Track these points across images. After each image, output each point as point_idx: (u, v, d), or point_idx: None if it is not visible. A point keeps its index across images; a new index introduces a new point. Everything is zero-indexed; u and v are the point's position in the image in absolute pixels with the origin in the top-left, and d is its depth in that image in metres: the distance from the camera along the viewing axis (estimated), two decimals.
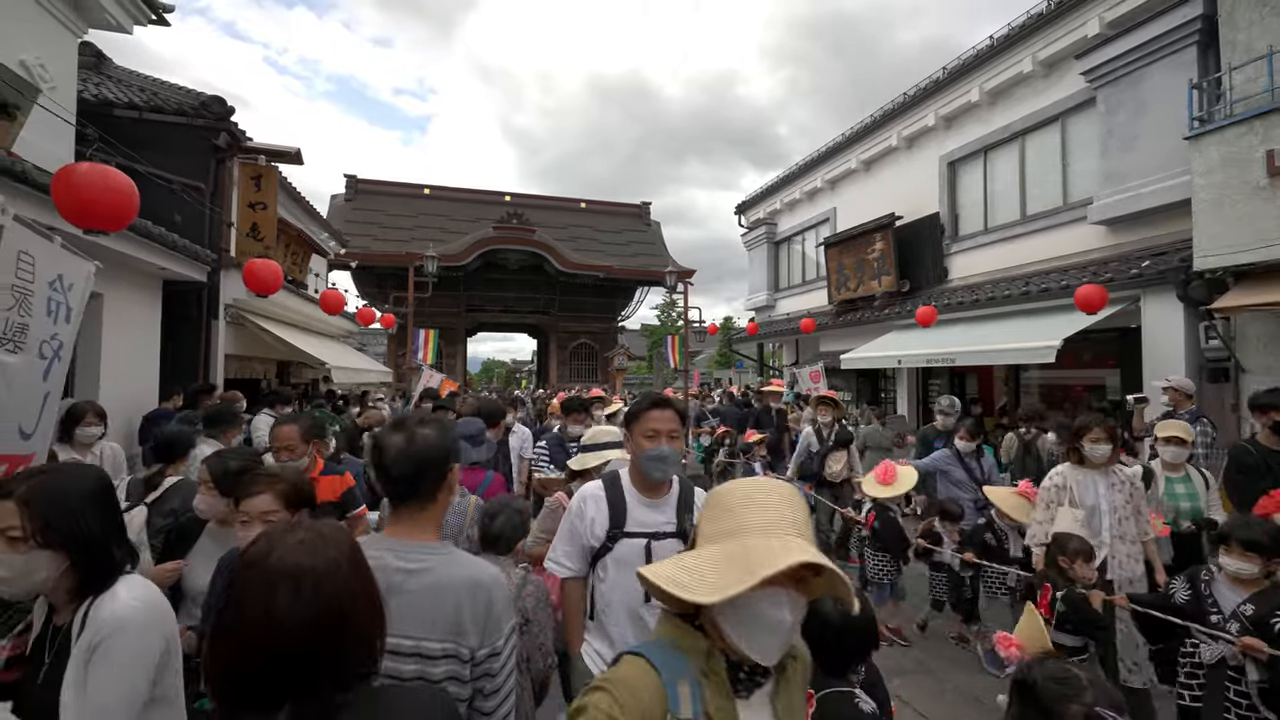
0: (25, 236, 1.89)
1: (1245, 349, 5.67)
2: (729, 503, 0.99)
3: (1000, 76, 8.53)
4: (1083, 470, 3.22)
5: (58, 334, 2.12)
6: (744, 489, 1.00)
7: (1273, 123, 5.05)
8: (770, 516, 0.94)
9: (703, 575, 0.90)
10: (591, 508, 1.87)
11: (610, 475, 1.96)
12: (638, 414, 1.89)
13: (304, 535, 0.88)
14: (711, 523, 0.99)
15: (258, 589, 0.81)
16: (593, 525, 1.84)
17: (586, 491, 1.93)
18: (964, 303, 8.45)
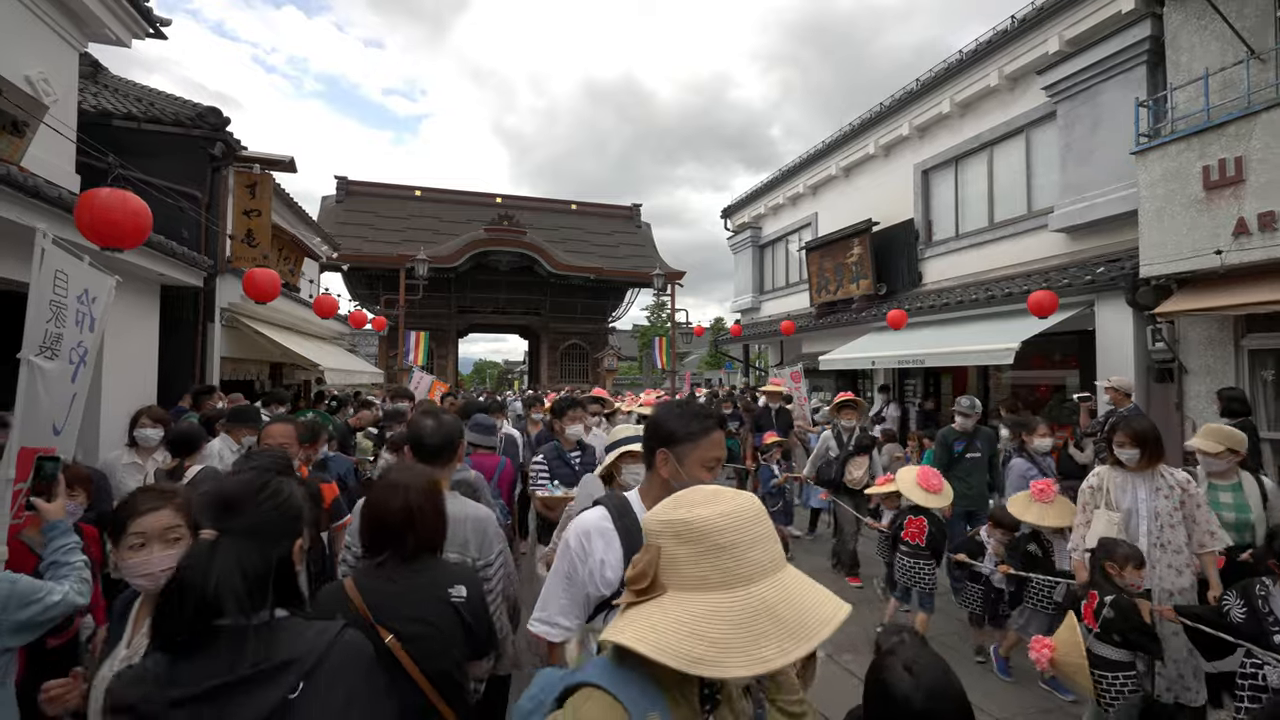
0: (61, 257, 2.16)
1: (1187, 351, 6.05)
2: (716, 539, 0.81)
3: (969, 89, 8.91)
4: (1122, 472, 3.01)
5: (83, 341, 2.39)
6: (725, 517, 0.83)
7: (1208, 140, 5.42)
8: (772, 550, 0.83)
9: (728, 644, 0.73)
10: (599, 545, 1.39)
11: (616, 501, 1.47)
12: (694, 437, 1.41)
13: (408, 471, 1.71)
14: (695, 563, 0.81)
15: (379, 490, 1.63)
16: (601, 568, 1.37)
17: (588, 524, 1.42)
18: (935, 306, 8.81)
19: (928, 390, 10.41)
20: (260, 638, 0.98)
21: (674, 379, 16.92)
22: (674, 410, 1.48)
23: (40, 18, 5.42)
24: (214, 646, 0.96)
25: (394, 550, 1.54)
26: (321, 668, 1.00)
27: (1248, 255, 5.13)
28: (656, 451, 1.44)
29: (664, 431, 1.44)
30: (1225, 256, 5.25)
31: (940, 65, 9.36)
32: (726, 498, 0.88)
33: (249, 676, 0.95)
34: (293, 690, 0.96)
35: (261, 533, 1.08)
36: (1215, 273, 5.39)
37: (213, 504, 1.10)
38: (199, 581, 0.96)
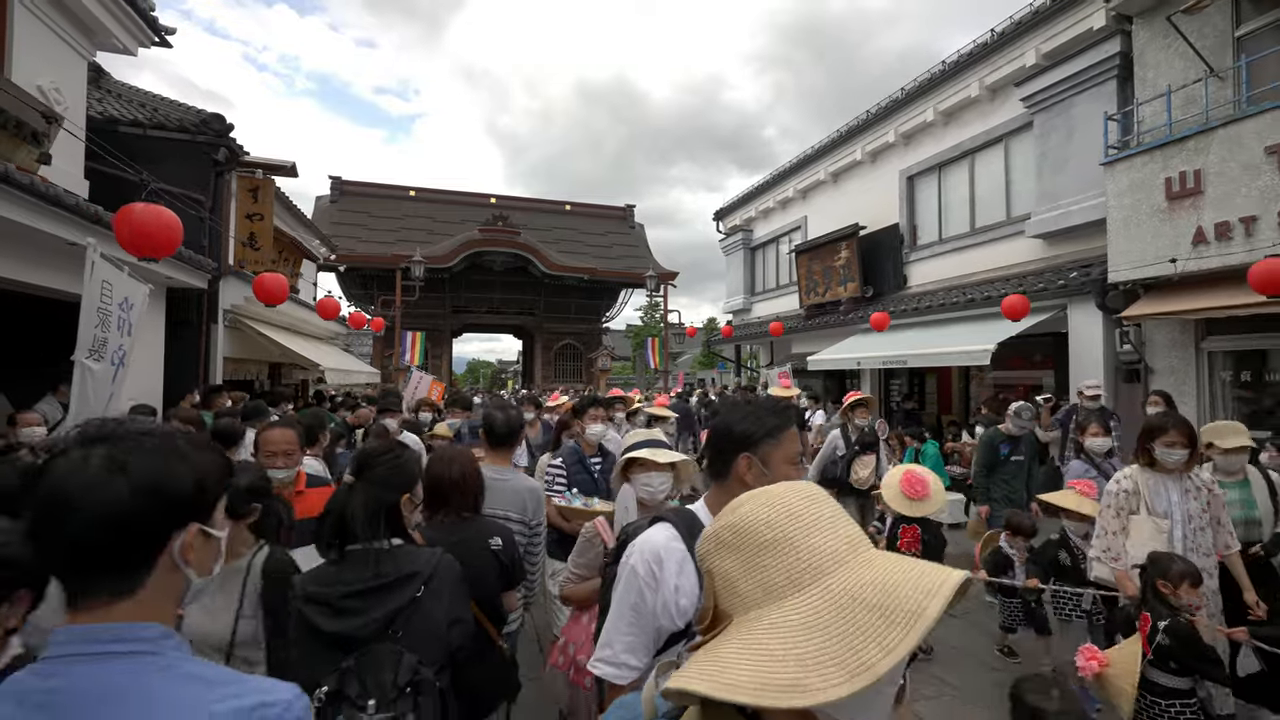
0: (107, 269, 2.38)
1: (1153, 352, 6.37)
2: (762, 533, 0.67)
3: (952, 99, 9.21)
4: (1153, 474, 2.83)
5: (122, 344, 2.62)
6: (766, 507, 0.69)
7: (1171, 153, 5.73)
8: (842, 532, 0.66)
9: (817, 658, 0.56)
10: (671, 570, 1.22)
11: (684, 516, 1.31)
12: (776, 433, 1.29)
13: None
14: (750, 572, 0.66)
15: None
16: (675, 596, 1.21)
17: (656, 546, 1.24)
18: (919, 308, 9.12)
19: (911, 390, 10.72)
20: (386, 557, 1.46)
21: (666, 379, 17.17)
22: (744, 410, 1.33)
23: (51, 28, 5.59)
24: (360, 561, 1.45)
25: (450, 508, 1.97)
26: (434, 578, 1.49)
27: (1205, 263, 5.44)
28: (738, 458, 1.28)
29: (741, 434, 1.29)
30: (1185, 264, 5.57)
31: (924, 75, 9.66)
32: (769, 489, 0.71)
33: (389, 582, 1.43)
34: (417, 592, 1.46)
35: (380, 483, 1.54)
36: (1171, 280, 5.70)
37: (354, 460, 1.67)
38: (340, 510, 1.48)
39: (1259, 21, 5.67)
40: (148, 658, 0.69)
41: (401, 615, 1.42)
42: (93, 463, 0.69)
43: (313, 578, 1.47)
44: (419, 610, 1.43)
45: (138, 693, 0.67)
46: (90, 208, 3.98)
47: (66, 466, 0.69)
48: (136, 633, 0.70)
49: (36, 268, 4.76)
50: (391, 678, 1.33)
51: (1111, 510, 2.90)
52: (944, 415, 10.51)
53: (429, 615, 1.44)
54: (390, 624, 1.40)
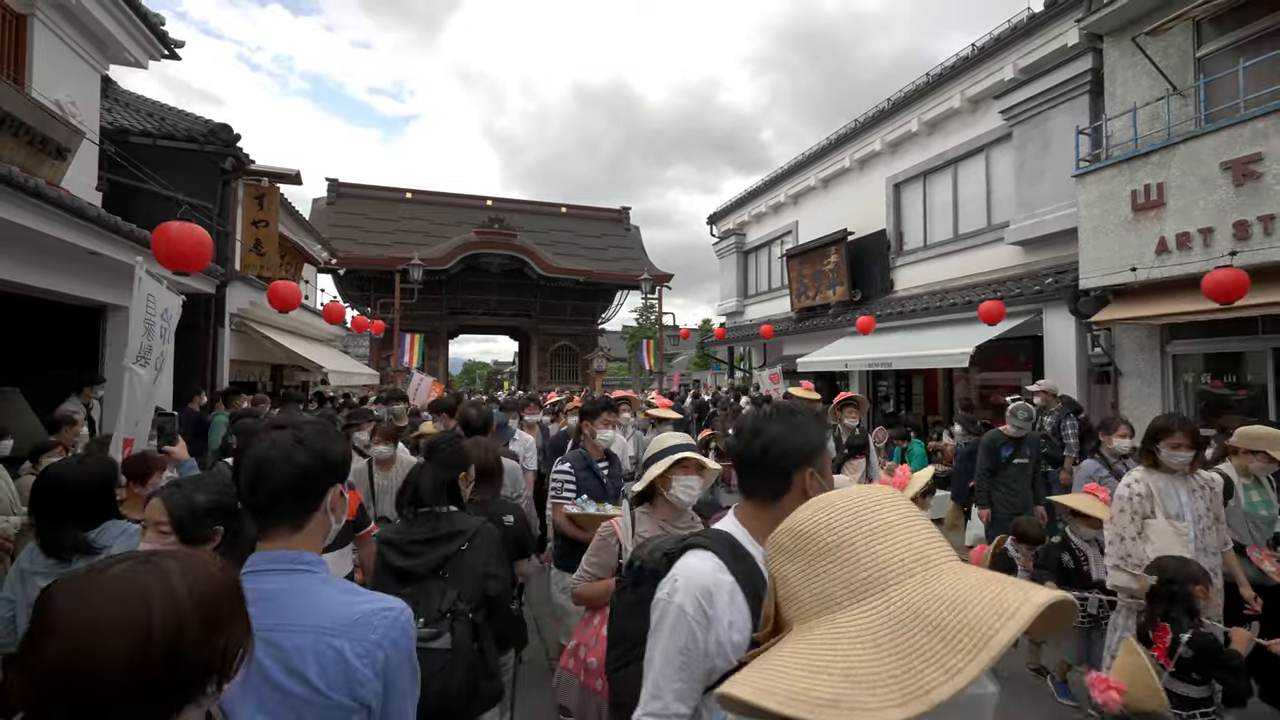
0: (151, 283, 2.63)
1: (1122, 356, 6.69)
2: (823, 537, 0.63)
3: (935, 110, 9.53)
4: (1162, 475, 2.81)
5: (163, 352, 2.87)
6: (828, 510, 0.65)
7: (1136, 167, 6.06)
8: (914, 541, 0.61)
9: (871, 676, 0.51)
10: (722, 604, 1.10)
11: (724, 540, 1.17)
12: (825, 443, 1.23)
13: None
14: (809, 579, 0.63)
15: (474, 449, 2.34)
16: (729, 632, 1.09)
17: (704, 579, 1.12)
18: (904, 312, 9.43)
19: (898, 390, 11.04)
20: (444, 518, 1.94)
21: (661, 380, 17.44)
22: (794, 420, 1.21)
23: (68, 44, 5.82)
24: (426, 520, 1.93)
25: (484, 488, 2.37)
26: (477, 537, 1.93)
27: (1168, 271, 5.76)
28: (801, 474, 1.16)
29: (805, 446, 1.17)
30: (1150, 272, 5.89)
31: (909, 86, 9.98)
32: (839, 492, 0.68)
33: (443, 536, 1.89)
34: (463, 546, 1.89)
35: (443, 464, 2.04)
36: (1130, 287, 6.03)
37: (424, 447, 2.24)
38: (415, 481, 1.98)
39: (1218, 43, 6.01)
40: (314, 574, 1.03)
41: (450, 561, 1.86)
42: (283, 439, 1.05)
43: (391, 530, 2.01)
44: (463, 560, 1.88)
45: (314, 594, 1.01)
46: (140, 232, 4.26)
47: (267, 442, 1.05)
48: (305, 558, 1.03)
49: (45, 272, 4.96)
50: (437, 604, 1.75)
51: (1126, 514, 2.80)
52: (930, 415, 10.83)
53: (470, 564, 1.89)
54: (441, 566, 1.85)
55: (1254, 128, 5.15)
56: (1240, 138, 5.24)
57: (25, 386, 5.67)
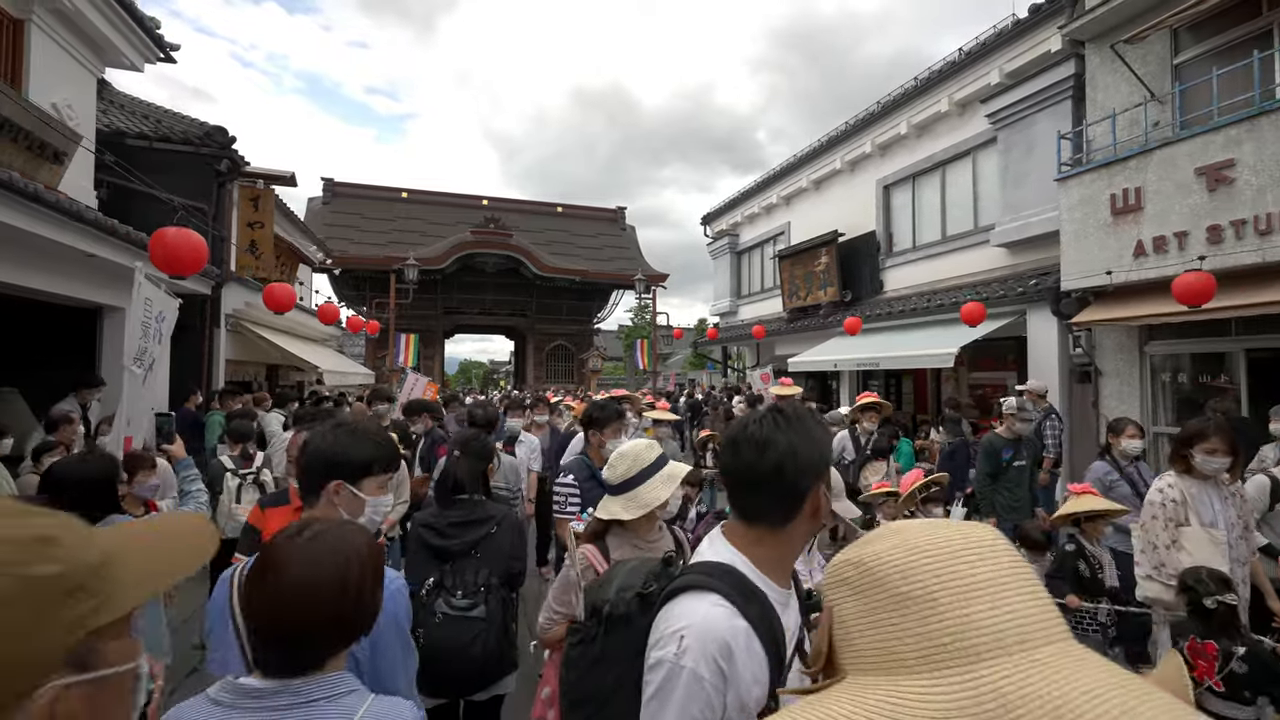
0: (149, 287, 2.73)
1: (1102, 356, 6.83)
2: (898, 584, 0.51)
3: (924, 113, 9.67)
4: (1194, 481, 2.69)
5: (156, 354, 2.97)
6: (914, 550, 0.52)
7: (1115, 172, 6.19)
8: (1019, 609, 0.48)
9: None
10: (741, 659, 0.94)
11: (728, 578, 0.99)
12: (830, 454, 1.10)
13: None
14: (874, 626, 0.52)
15: None
16: (750, 689, 0.94)
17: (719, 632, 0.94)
18: (893, 312, 9.57)
19: (888, 390, 11.17)
20: (477, 504, 2.21)
21: (656, 380, 17.56)
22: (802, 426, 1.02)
23: (64, 48, 5.89)
24: (462, 506, 2.20)
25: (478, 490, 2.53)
26: (504, 522, 2.20)
27: (1145, 274, 5.90)
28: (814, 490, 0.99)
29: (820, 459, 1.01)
30: (1129, 275, 6.03)
31: (898, 90, 10.12)
32: (928, 525, 0.56)
33: (476, 520, 2.15)
34: (492, 529, 2.15)
35: (474, 456, 2.33)
36: (1113, 289, 6.17)
37: (457, 441, 2.51)
38: (454, 472, 2.26)
39: (1195, 50, 6.14)
40: None
41: (481, 542, 2.13)
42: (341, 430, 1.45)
43: (428, 514, 2.25)
44: (492, 541, 2.15)
45: None
46: (137, 234, 4.35)
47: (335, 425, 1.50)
48: None
49: (43, 273, 5.04)
50: (473, 579, 2.03)
51: (1159, 522, 2.67)
52: (919, 414, 10.97)
53: (498, 545, 2.16)
54: (474, 547, 2.11)
55: (1227, 134, 5.28)
56: (1213, 144, 5.37)
57: (23, 387, 5.75)
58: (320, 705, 0.87)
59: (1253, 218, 5.09)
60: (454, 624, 1.94)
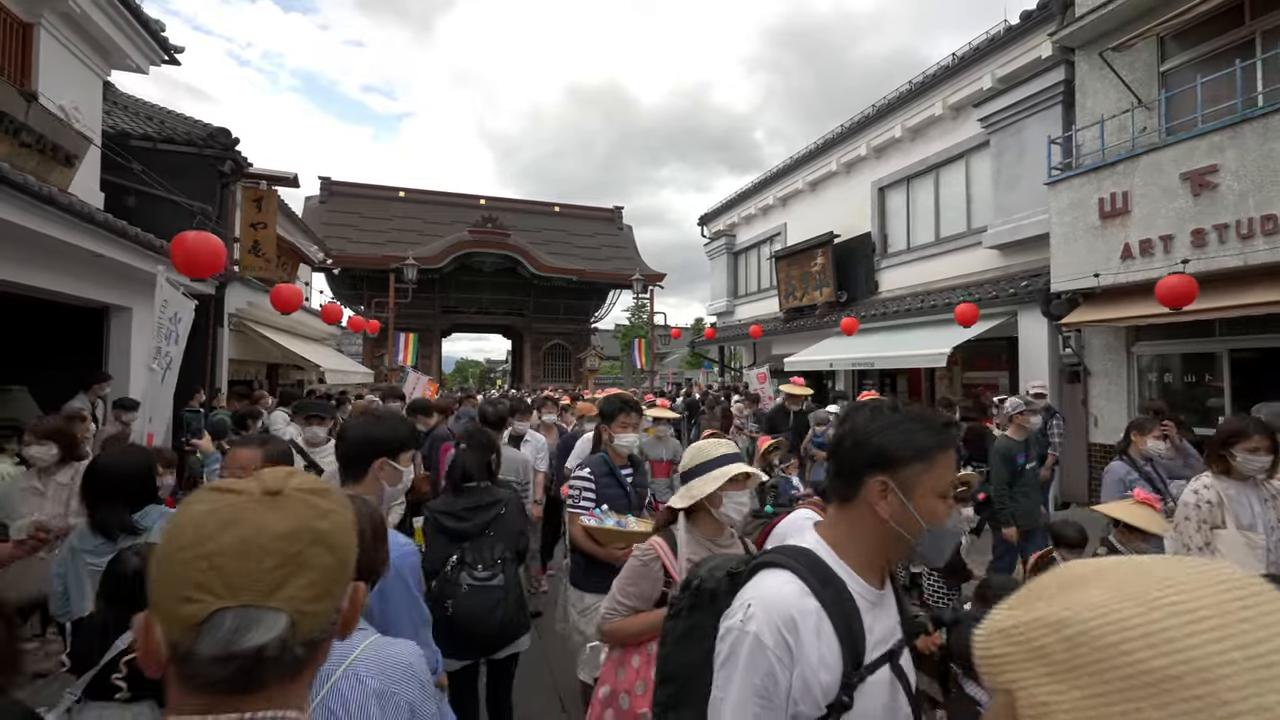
0: (167, 289, 2.84)
1: (1091, 356, 6.99)
2: (1152, 663, 0.36)
3: (918, 117, 9.81)
4: (1233, 482, 2.62)
5: (173, 353, 3.07)
6: (1168, 615, 0.37)
7: (1103, 176, 6.34)
8: None
9: None
10: (808, 636, 0.92)
11: (806, 559, 1.00)
12: (928, 454, 0.97)
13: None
14: (1108, 700, 0.37)
15: None
16: (817, 672, 0.92)
17: (785, 602, 0.94)
18: (887, 313, 9.71)
19: (883, 389, 11.31)
20: (485, 490, 2.46)
21: (653, 379, 17.68)
22: (886, 417, 1.00)
23: (72, 51, 5.97)
24: (472, 492, 2.44)
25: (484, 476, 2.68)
26: (510, 504, 2.47)
27: (1132, 276, 6.05)
28: (869, 480, 0.98)
29: (878, 449, 0.97)
30: (1117, 277, 6.18)
31: (893, 93, 10.26)
32: (1156, 564, 0.42)
33: (486, 504, 2.42)
34: (501, 511, 2.43)
35: (479, 447, 2.55)
36: (1099, 290, 6.32)
37: (463, 436, 2.74)
38: (463, 463, 2.48)
39: (1180, 58, 6.30)
40: None
41: (493, 523, 2.41)
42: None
43: (440, 503, 2.50)
44: (502, 521, 2.44)
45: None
46: (145, 236, 4.46)
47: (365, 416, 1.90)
48: None
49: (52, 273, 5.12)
50: (489, 554, 2.30)
51: (1193, 524, 2.59)
52: None
53: (508, 524, 2.45)
54: (487, 526, 2.38)
55: (1210, 141, 5.43)
56: (1198, 150, 5.52)
57: (31, 385, 5.83)
58: None
59: (1235, 222, 5.24)
60: (478, 593, 2.24)
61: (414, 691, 1.03)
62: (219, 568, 0.55)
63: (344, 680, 0.98)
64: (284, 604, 0.57)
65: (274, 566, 0.57)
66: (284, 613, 0.57)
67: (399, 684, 1.01)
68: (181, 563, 0.56)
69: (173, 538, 0.58)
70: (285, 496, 0.61)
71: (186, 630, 0.54)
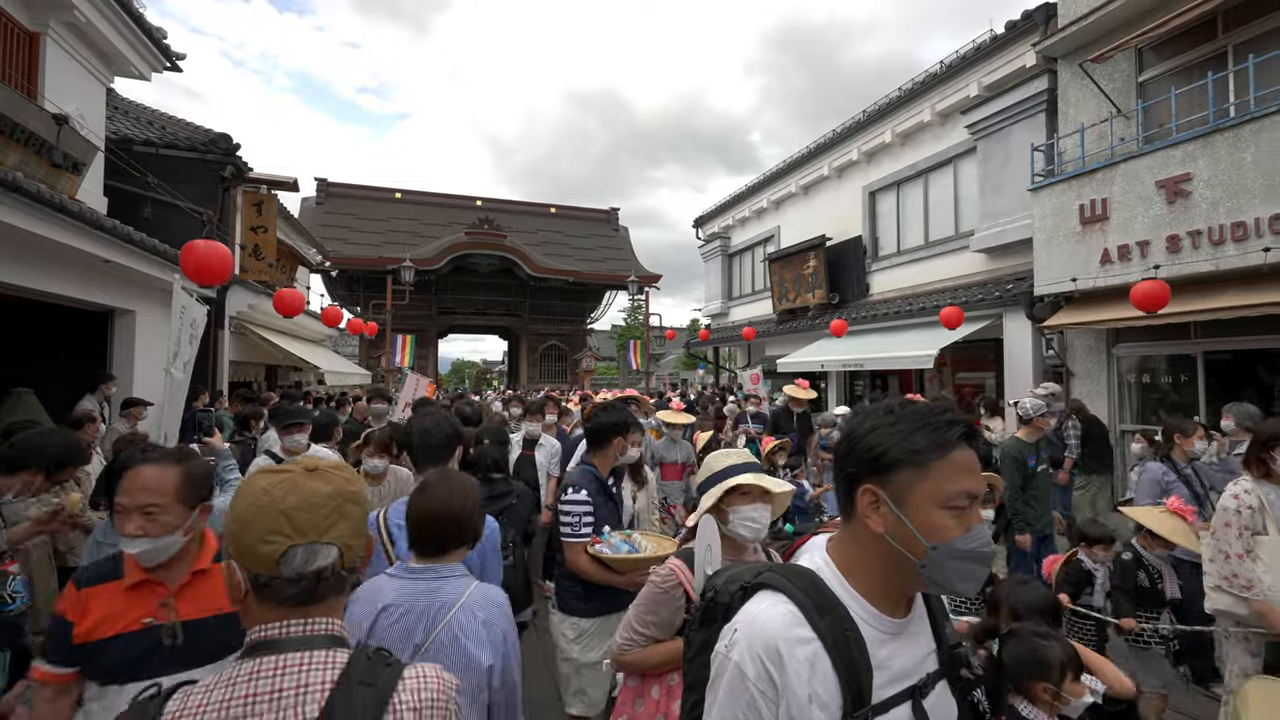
0: (183, 296, 2.98)
1: (1073, 358, 7.19)
2: None
3: (908, 122, 10.00)
4: (1273, 486, 2.58)
5: (189, 357, 3.21)
6: None
7: (1084, 183, 6.54)
8: None
9: None
10: (799, 669, 0.83)
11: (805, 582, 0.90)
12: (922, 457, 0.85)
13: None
14: None
15: None
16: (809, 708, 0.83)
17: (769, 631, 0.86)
18: (878, 315, 9.90)
19: (874, 389, 11.51)
20: (500, 482, 2.90)
21: (648, 380, 17.83)
22: (877, 417, 0.92)
23: (77, 59, 6.08)
24: (488, 483, 2.80)
25: None
26: (521, 495, 2.97)
27: (1111, 280, 6.25)
28: (858, 486, 0.89)
29: (866, 452, 0.89)
30: (1096, 281, 6.38)
31: (883, 99, 10.45)
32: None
33: (500, 494, 2.85)
34: (513, 501, 2.87)
35: (499, 444, 3.15)
36: (1074, 294, 6.52)
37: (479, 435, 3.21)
38: (492, 456, 2.95)
39: (1158, 69, 6.50)
40: None
41: (505, 510, 2.73)
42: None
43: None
44: (513, 509, 2.81)
45: None
46: (150, 241, 4.61)
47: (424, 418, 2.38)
48: None
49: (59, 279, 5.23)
50: (504, 538, 2.37)
51: (1234, 530, 2.52)
52: None
53: (518, 512, 2.84)
54: (500, 513, 2.61)
55: (1184, 150, 5.63)
56: (1172, 159, 5.72)
57: (36, 388, 5.93)
58: (449, 579, 1.46)
59: (1207, 229, 5.44)
60: None
61: (505, 621, 1.46)
62: (290, 518, 0.81)
63: (461, 612, 1.39)
64: (335, 540, 0.84)
65: (325, 515, 0.83)
66: (335, 546, 0.83)
67: (497, 616, 1.43)
68: (260, 518, 0.80)
69: (249, 503, 0.81)
70: (322, 471, 0.88)
71: (269, 564, 0.80)
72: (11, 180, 3.46)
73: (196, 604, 1.41)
